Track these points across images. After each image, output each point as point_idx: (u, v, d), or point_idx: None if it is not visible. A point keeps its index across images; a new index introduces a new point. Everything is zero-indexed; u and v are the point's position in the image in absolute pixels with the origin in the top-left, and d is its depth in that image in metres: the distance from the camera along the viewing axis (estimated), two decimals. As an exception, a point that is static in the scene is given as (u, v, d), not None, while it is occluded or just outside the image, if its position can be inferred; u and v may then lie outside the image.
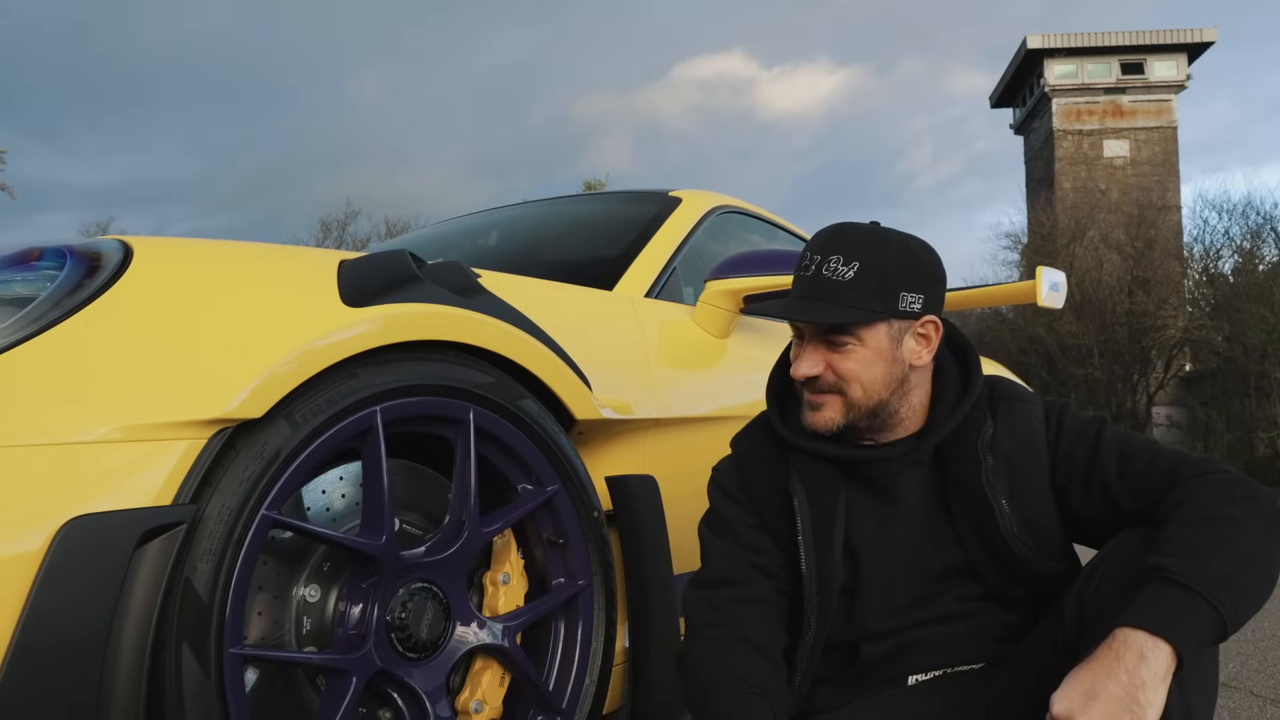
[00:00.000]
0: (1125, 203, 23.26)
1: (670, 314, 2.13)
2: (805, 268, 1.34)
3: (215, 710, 1.14)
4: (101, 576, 1.06)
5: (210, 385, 1.18)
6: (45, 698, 1.02)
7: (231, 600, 1.18)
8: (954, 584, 1.39)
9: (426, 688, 1.38)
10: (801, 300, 1.32)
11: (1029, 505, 1.34)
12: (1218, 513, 1.18)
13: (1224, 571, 1.13)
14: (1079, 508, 1.34)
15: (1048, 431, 1.37)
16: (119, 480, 1.10)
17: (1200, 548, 1.15)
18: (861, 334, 1.31)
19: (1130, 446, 1.32)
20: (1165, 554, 1.16)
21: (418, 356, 1.42)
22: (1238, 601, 1.12)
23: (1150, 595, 1.13)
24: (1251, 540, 1.16)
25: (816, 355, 1.32)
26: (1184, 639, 1.09)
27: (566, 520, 1.59)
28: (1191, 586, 1.11)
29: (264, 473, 1.21)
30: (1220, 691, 2.45)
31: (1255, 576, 1.15)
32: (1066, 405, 1.42)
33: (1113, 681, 1.07)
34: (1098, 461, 1.32)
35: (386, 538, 1.34)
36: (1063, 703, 1.07)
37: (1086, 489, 1.33)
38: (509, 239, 2.80)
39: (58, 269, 1.22)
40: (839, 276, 1.30)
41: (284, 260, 1.43)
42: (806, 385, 1.34)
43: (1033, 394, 1.43)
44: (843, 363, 1.31)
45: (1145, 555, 1.19)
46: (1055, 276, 4.18)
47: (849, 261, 1.30)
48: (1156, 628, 1.09)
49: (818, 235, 1.37)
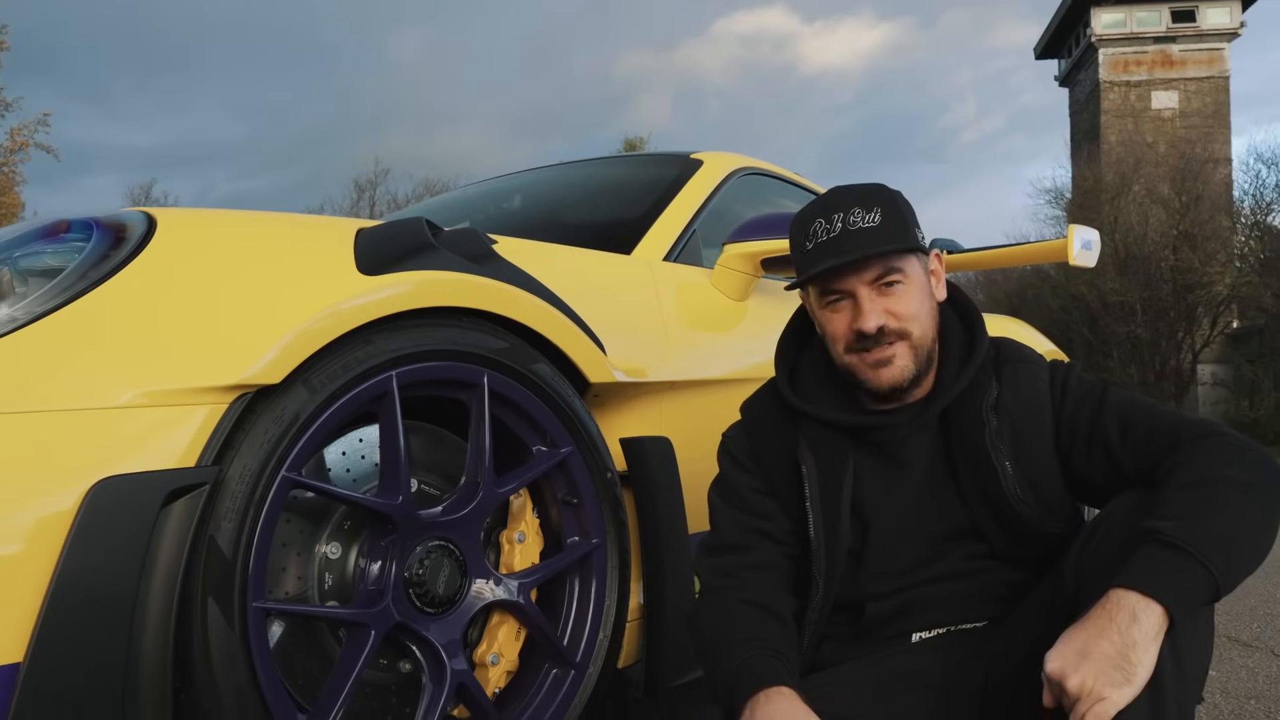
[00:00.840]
0: (1172, 156, 22.68)
1: (688, 277, 2.15)
2: (828, 229, 1.34)
3: (240, 660, 1.20)
4: (130, 534, 1.12)
5: (230, 352, 1.23)
6: (79, 649, 1.08)
7: (254, 556, 1.23)
8: (959, 544, 1.41)
9: (443, 641, 1.44)
10: (847, 252, 1.31)
11: (1033, 467, 1.36)
12: (1215, 475, 1.19)
13: (1218, 533, 1.14)
14: (1082, 469, 1.35)
15: (1053, 394, 1.39)
16: (145, 443, 1.16)
17: (1195, 510, 1.17)
18: (907, 270, 1.35)
19: (1132, 409, 1.33)
20: (1161, 516, 1.17)
21: (432, 322, 1.46)
22: (1230, 563, 1.14)
23: (1144, 557, 1.15)
24: (1247, 502, 1.18)
25: (876, 306, 1.33)
26: (1175, 599, 1.11)
27: (580, 481, 1.63)
28: (1185, 548, 1.13)
29: (283, 436, 1.26)
30: (1242, 651, 2.46)
31: (1251, 538, 1.17)
32: (1072, 368, 1.43)
33: (1105, 641, 1.09)
34: (1100, 424, 1.33)
35: (403, 498, 1.39)
36: (1056, 661, 1.10)
37: (1089, 451, 1.34)
38: (532, 203, 2.83)
39: (85, 241, 1.27)
40: (868, 223, 1.32)
41: (302, 230, 1.47)
42: (868, 341, 1.33)
43: (1039, 356, 1.44)
44: (899, 304, 1.34)
45: (1142, 517, 1.21)
46: (1088, 234, 4.13)
47: (870, 209, 1.33)
48: (1149, 588, 1.11)
49: (818, 203, 1.38)
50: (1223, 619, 2.93)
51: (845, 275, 1.34)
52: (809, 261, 1.36)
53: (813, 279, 1.37)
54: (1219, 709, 2.05)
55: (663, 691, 1.74)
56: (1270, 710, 2.02)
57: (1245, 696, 2.13)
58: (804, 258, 1.37)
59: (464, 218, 2.83)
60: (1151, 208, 20.01)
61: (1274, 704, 2.07)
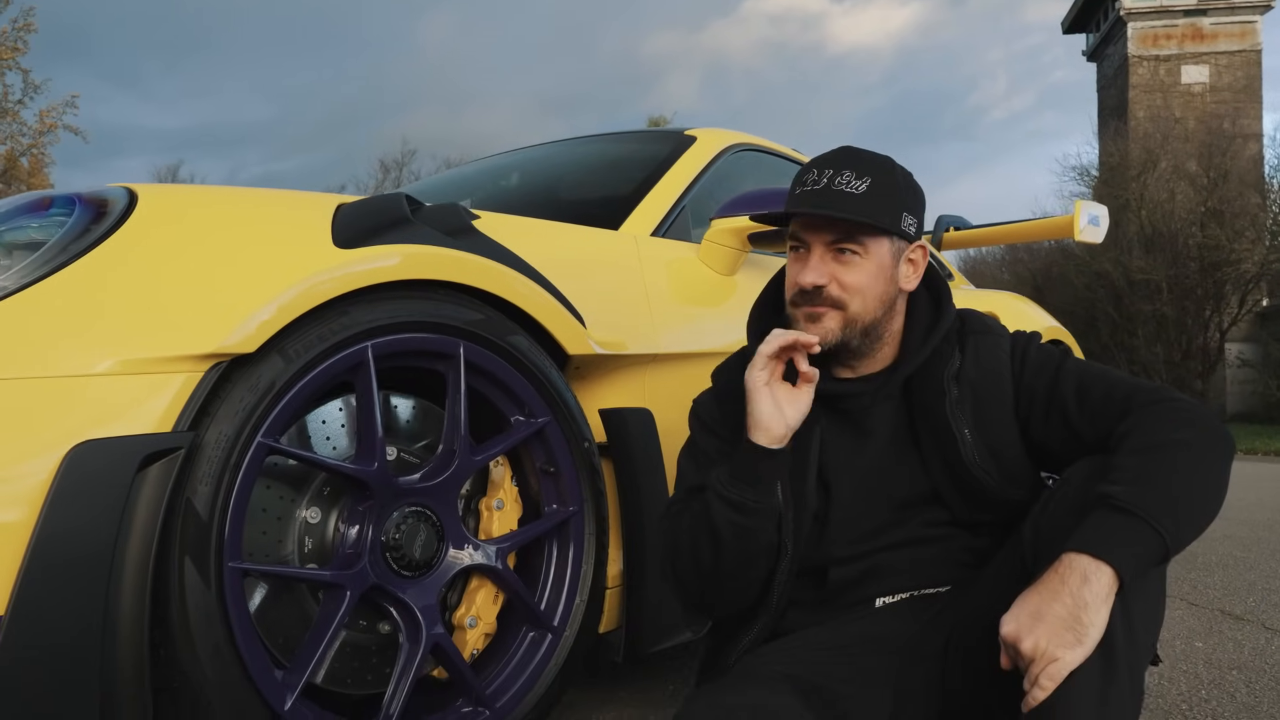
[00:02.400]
0: (1202, 131, 22.31)
1: (675, 253, 2.18)
2: (814, 180, 1.35)
3: (217, 618, 1.25)
4: (107, 496, 1.16)
5: (206, 322, 1.27)
6: (58, 605, 1.13)
7: (230, 519, 1.28)
8: (921, 511, 1.44)
9: (420, 604, 1.49)
10: (814, 206, 1.33)
11: (993, 435, 1.39)
12: (1164, 439, 1.22)
13: (1167, 496, 1.17)
14: (1040, 436, 1.38)
15: (1012, 364, 1.41)
16: (122, 410, 1.20)
17: (1145, 474, 1.19)
18: (869, 246, 1.35)
19: (1089, 377, 1.35)
20: (1112, 481, 1.20)
21: (408, 295, 1.49)
22: (1180, 524, 1.16)
23: (1096, 521, 1.17)
24: (1195, 465, 1.20)
25: (822, 266, 1.35)
26: (1125, 561, 1.14)
27: (558, 450, 1.67)
28: (1135, 512, 1.16)
29: (259, 403, 1.31)
30: (1233, 624, 2.48)
31: (1200, 500, 1.20)
32: (1033, 338, 1.45)
33: (1057, 603, 1.12)
34: (1057, 391, 1.36)
35: (378, 464, 1.44)
36: (1011, 624, 1.13)
37: (1047, 418, 1.37)
38: (529, 180, 2.86)
39: (67, 215, 1.32)
40: (852, 189, 1.33)
41: (281, 205, 1.51)
42: (806, 298, 1.36)
43: (1001, 327, 1.47)
44: (847, 274, 1.35)
45: (1095, 482, 1.23)
46: (1095, 210, 4.12)
47: (861, 177, 1.34)
48: (1099, 551, 1.14)
49: (823, 155, 1.40)
50: (1218, 593, 2.94)
51: (810, 229, 1.36)
52: (789, 204, 1.39)
53: (783, 220, 1.40)
54: (1200, 678, 2.07)
55: (643, 656, 1.79)
56: (1250, 680, 2.04)
57: (1228, 667, 2.14)
58: (789, 200, 1.39)
59: (465, 194, 2.87)
60: (1179, 184, 19.71)
61: (1254, 674, 2.08)
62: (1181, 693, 1.97)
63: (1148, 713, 1.85)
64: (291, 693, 1.32)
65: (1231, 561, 3.48)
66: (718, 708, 1.19)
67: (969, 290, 3.85)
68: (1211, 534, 4.14)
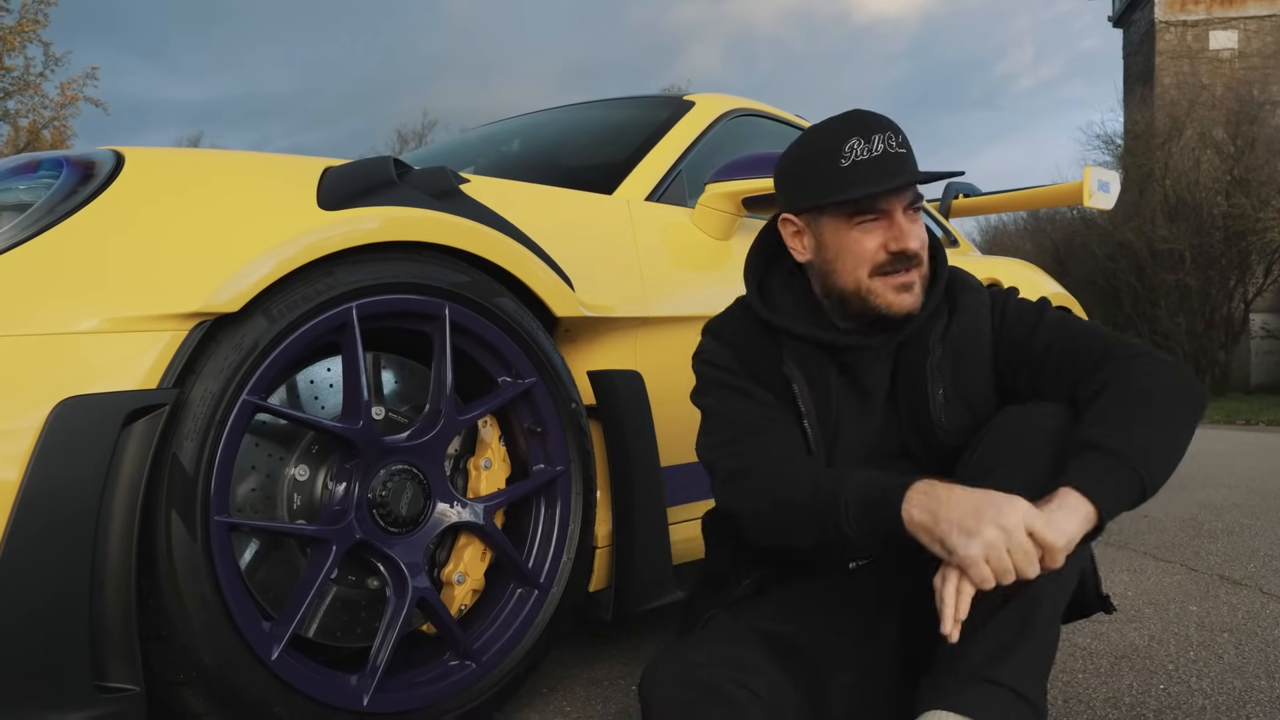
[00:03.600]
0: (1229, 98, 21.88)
1: (669, 217, 2.19)
2: (864, 150, 1.31)
3: (203, 570, 1.29)
4: (92, 450, 1.19)
5: (190, 282, 1.30)
6: (46, 559, 1.16)
7: (216, 474, 1.31)
8: (896, 465, 1.45)
9: (406, 560, 1.52)
10: (894, 175, 1.31)
11: (971, 389, 1.40)
12: (1141, 384, 1.26)
13: (1146, 441, 1.22)
14: (1016, 386, 1.40)
15: (993, 318, 1.43)
16: (108, 367, 1.23)
17: (1126, 419, 1.23)
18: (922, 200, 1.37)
19: (1066, 329, 1.38)
20: (1094, 424, 1.23)
21: (393, 256, 1.51)
22: (1156, 468, 1.21)
23: (1085, 461, 1.20)
24: (1171, 411, 1.25)
25: (913, 228, 1.35)
26: (1105, 500, 1.17)
27: (545, 411, 1.69)
28: (1117, 454, 1.19)
29: (243, 362, 1.34)
30: (1230, 589, 2.48)
31: (1173, 445, 1.24)
32: (1011, 293, 1.47)
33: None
34: (1033, 343, 1.38)
35: (363, 423, 1.46)
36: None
37: (1024, 369, 1.39)
38: (530, 145, 2.87)
39: (54, 177, 1.35)
40: (902, 149, 1.34)
41: (268, 167, 1.53)
42: (902, 263, 1.34)
43: (979, 283, 1.48)
44: (920, 230, 1.37)
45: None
46: (1104, 176, 4.09)
47: (897, 135, 1.34)
48: (1088, 488, 1.17)
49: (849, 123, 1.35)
50: (1220, 559, 2.94)
51: (886, 195, 1.33)
52: (849, 179, 1.31)
53: (860, 197, 1.32)
54: (1189, 640, 2.08)
55: (632, 615, 1.82)
56: (1240, 642, 2.05)
57: (1220, 630, 2.15)
58: (839, 174, 1.32)
59: (468, 161, 2.88)
60: (1204, 152, 19.37)
61: (1245, 636, 2.09)
62: (1169, 654, 1.98)
63: (1133, 671, 1.87)
64: (278, 644, 1.35)
65: (1238, 529, 3.48)
66: (682, 662, 1.22)
67: (975, 257, 3.83)
68: (1220, 501, 4.13)
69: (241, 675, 1.31)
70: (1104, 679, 1.83)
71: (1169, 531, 3.43)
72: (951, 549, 1.12)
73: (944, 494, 1.15)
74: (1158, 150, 19.98)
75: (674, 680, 1.22)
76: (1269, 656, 1.94)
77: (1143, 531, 3.43)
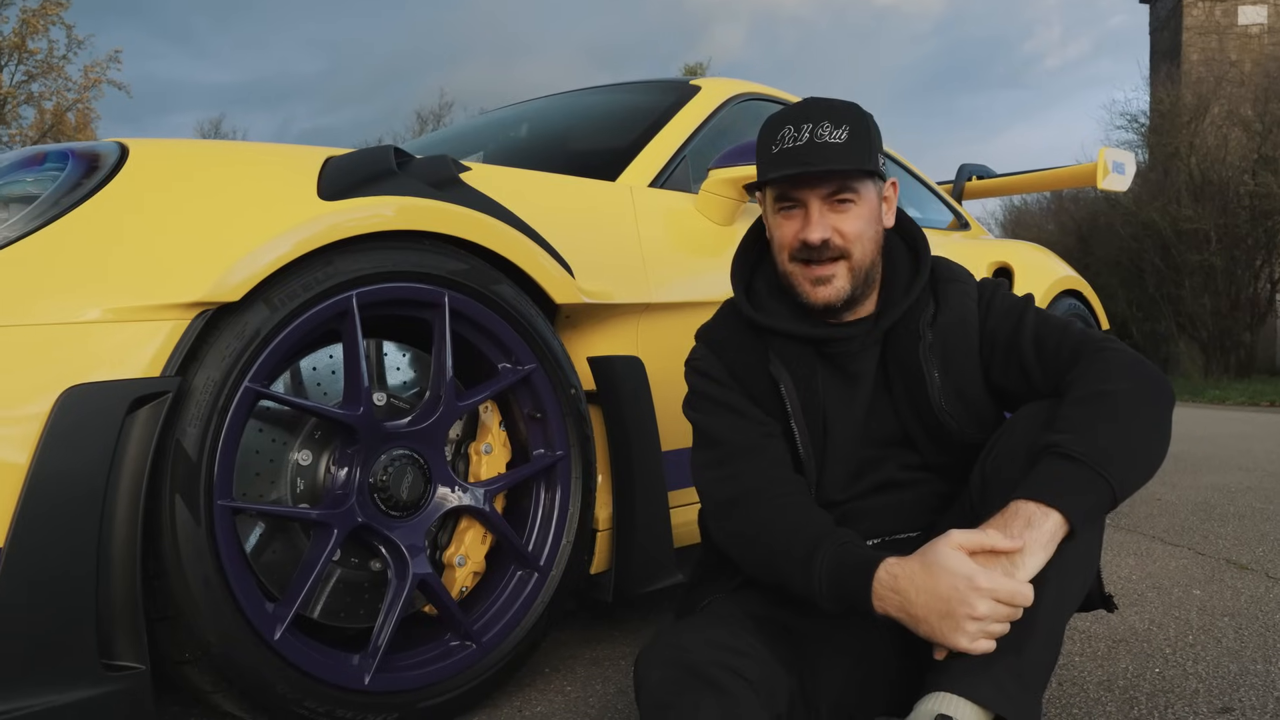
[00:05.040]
0: (1258, 75, 21.53)
1: (672, 203, 2.20)
2: (795, 137, 1.35)
3: (207, 553, 1.32)
4: (97, 436, 1.23)
5: (193, 272, 1.33)
6: (54, 541, 1.20)
7: (219, 459, 1.35)
8: (894, 454, 1.47)
9: (407, 543, 1.55)
10: (805, 165, 1.34)
11: (961, 378, 1.42)
12: (1103, 389, 1.25)
13: (1111, 444, 1.20)
14: (1000, 380, 1.41)
15: (979, 310, 1.44)
16: (113, 356, 1.27)
17: (1087, 422, 1.23)
18: (860, 191, 1.37)
19: (1046, 327, 1.38)
20: (1058, 430, 1.24)
21: (393, 245, 1.54)
22: (1123, 470, 1.20)
23: (1043, 469, 1.21)
24: (1134, 412, 1.23)
25: (823, 220, 1.36)
26: (1072, 507, 1.17)
27: (545, 396, 1.72)
28: (1080, 459, 1.19)
29: (244, 350, 1.37)
30: (1236, 573, 2.48)
31: (1142, 445, 1.24)
32: (999, 286, 1.47)
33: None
34: (1017, 339, 1.39)
35: (364, 409, 1.49)
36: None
37: (1007, 364, 1.40)
38: (536, 131, 2.88)
39: (60, 169, 1.38)
40: (835, 139, 1.34)
41: (269, 158, 1.55)
42: (811, 256, 1.36)
43: (968, 275, 1.49)
44: (846, 223, 1.36)
45: (1040, 429, 1.26)
46: (1119, 157, 4.06)
47: (839, 126, 1.35)
48: (1046, 498, 1.18)
49: (791, 110, 1.39)
50: (1229, 543, 2.93)
51: (802, 185, 1.36)
52: (771, 165, 1.37)
53: (771, 183, 1.39)
54: (1189, 623, 2.08)
55: (632, 597, 1.84)
56: (1240, 626, 2.05)
57: (1221, 614, 2.16)
58: (767, 161, 1.38)
59: (475, 147, 2.90)
60: (1231, 130, 19.10)
61: (1246, 621, 2.09)
62: (1168, 637, 1.99)
63: (1129, 655, 1.88)
64: (281, 624, 1.39)
65: (1249, 513, 3.46)
66: (675, 646, 1.24)
67: (988, 239, 3.82)
68: (1235, 485, 4.12)
69: (245, 654, 1.35)
70: (1100, 662, 1.85)
71: (1180, 515, 3.43)
72: (939, 642, 1.15)
73: (907, 586, 1.16)
74: (1184, 128, 19.73)
75: (666, 662, 1.24)
76: (1267, 641, 1.95)
77: (1153, 515, 3.43)
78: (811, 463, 1.43)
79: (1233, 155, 18.93)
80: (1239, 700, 1.64)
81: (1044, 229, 24.43)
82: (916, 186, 3.64)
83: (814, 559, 1.25)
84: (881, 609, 1.19)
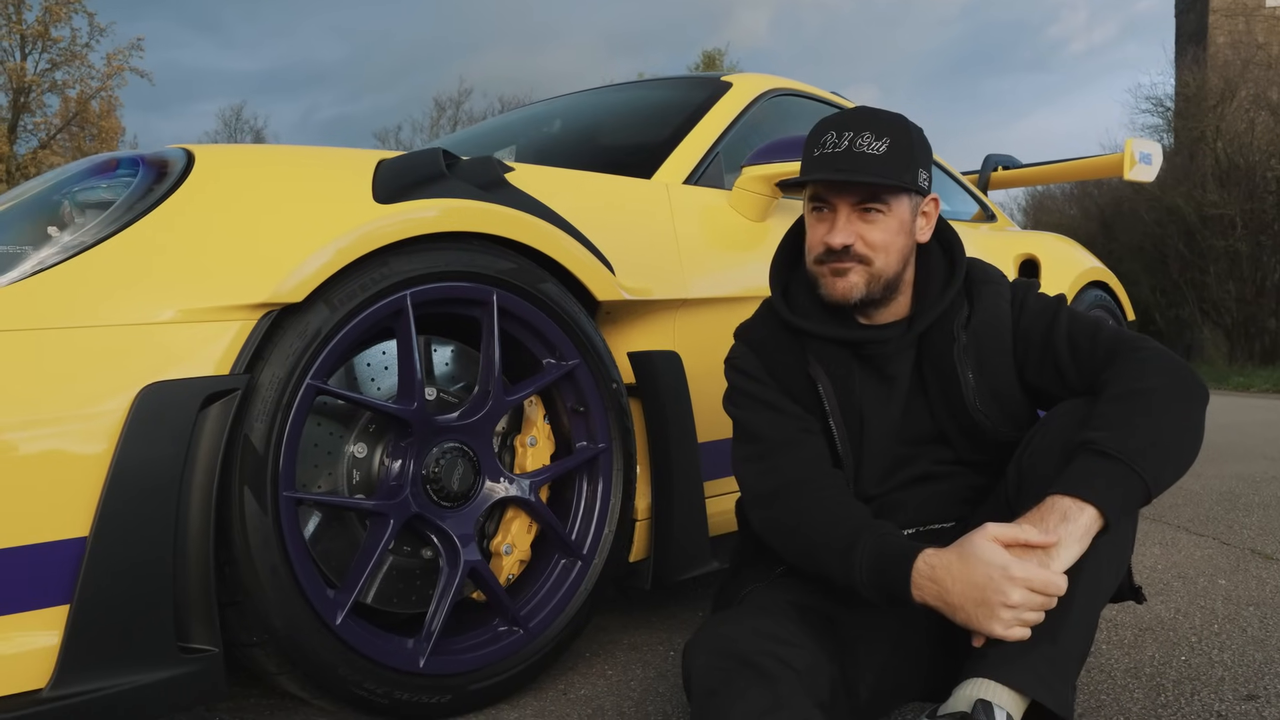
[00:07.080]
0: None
1: (706, 200, 2.25)
2: (835, 143, 1.40)
3: (273, 542, 1.39)
4: (174, 431, 1.30)
5: (258, 275, 1.39)
6: (134, 530, 1.27)
7: (284, 452, 1.41)
8: (930, 450, 1.52)
9: (458, 532, 1.61)
10: (839, 170, 1.39)
11: (996, 378, 1.46)
12: (1141, 386, 1.30)
13: (1144, 440, 1.25)
14: (1035, 380, 1.46)
15: (1013, 311, 1.48)
16: (186, 354, 1.33)
17: (1123, 419, 1.27)
18: (892, 204, 1.42)
19: (1078, 327, 1.42)
20: (1093, 427, 1.28)
21: (444, 246, 1.60)
22: (1157, 465, 1.24)
23: (1078, 465, 1.26)
24: (1167, 409, 1.28)
25: (849, 227, 1.41)
26: (1108, 501, 1.22)
27: (587, 391, 1.78)
28: (1115, 455, 1.24)
29: (307, 348, 1.43)
30: (1262, 564, 2.52)
31: (1175, 442, 1.28)
32: (1031, 287, 1.51)
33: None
34: (1051, 339, 1.43)
35: (417, 404, 1.56)
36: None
37: (1041, 364, 1.44)
38: (570, 128, 2.93)
39: (132, 175, 1.44)
40: (873, 150, 1.39)
41: (326, 162, 1.61)
42: (833, 255, 1.42)
43: (1002, 276, 1.53)
44: (872, 232, 1.42)
45: (1075, 426, 1.31)
46: (1147, 148, 4.07)
47: (880, 138, 1.39)
48: (1081, 493, 1.23)
49: (837, 116, 1.45)
50: (1254, 533, 2.96)
51: (834, 191, 1.42)
52: (810, 167, 1.43)
53: (806, 184, 1.46)
54: (1215, 613, 2.13)
55: (668, 584, 1.91)
56: (1265, 615, 2.10)
57: (1246, 603, 2.20)
58: (809, 162, 1.44)
59: (508, 141, 2.95)
60: (1258, 114, 18.93)
61: (1271, 610, 2.13)
62: (1193, 626, 2.04)
63: (1156, 643, 1.93)
64: (342, 609, 1.46)
65: (1274, 502, 3.49)
66: (720, 636, 1.29)
67: (1014, 231, 3.84)
68: (1260, 474, 4.14)
69: (309, 638, 1.42)
70: (1127, 650, 1.90)
71: (1204, 505, 3.46)
72: (975, 629, 1.21)
73: (944, 576, 1.21)
74: (1209, 112, 19.54)
75: (714, 651, 1.29)
76: (1292, 630, 1.99)
77: (1178, 505, 3.46)
78: (849, 459, 1.49)
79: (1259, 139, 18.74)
80: (1264, 688, 1.68)
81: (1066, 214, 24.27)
82: (942, 178, 3.67)
83: (854, 551, 1.30)
84: (920, 598, 1.24)
